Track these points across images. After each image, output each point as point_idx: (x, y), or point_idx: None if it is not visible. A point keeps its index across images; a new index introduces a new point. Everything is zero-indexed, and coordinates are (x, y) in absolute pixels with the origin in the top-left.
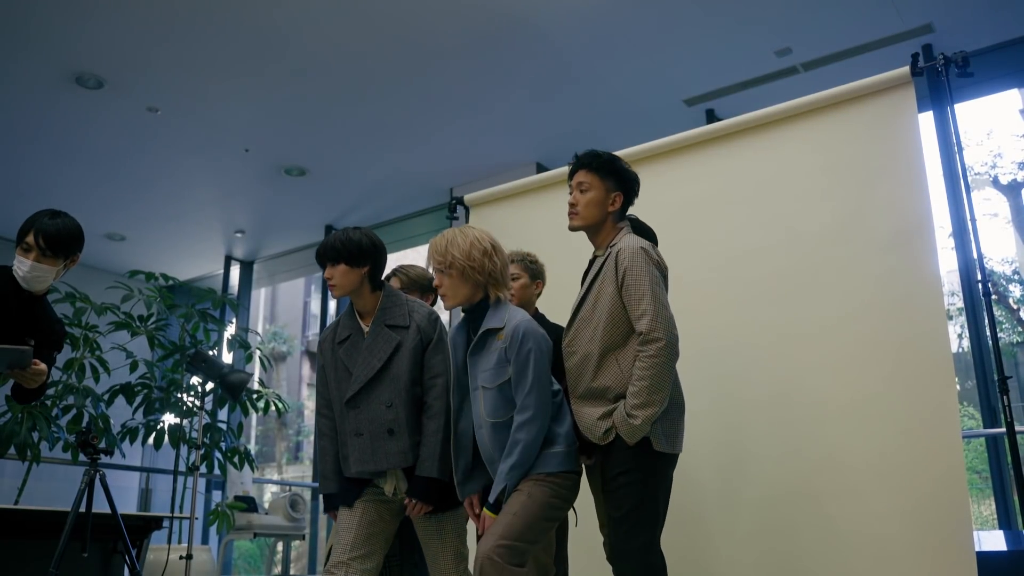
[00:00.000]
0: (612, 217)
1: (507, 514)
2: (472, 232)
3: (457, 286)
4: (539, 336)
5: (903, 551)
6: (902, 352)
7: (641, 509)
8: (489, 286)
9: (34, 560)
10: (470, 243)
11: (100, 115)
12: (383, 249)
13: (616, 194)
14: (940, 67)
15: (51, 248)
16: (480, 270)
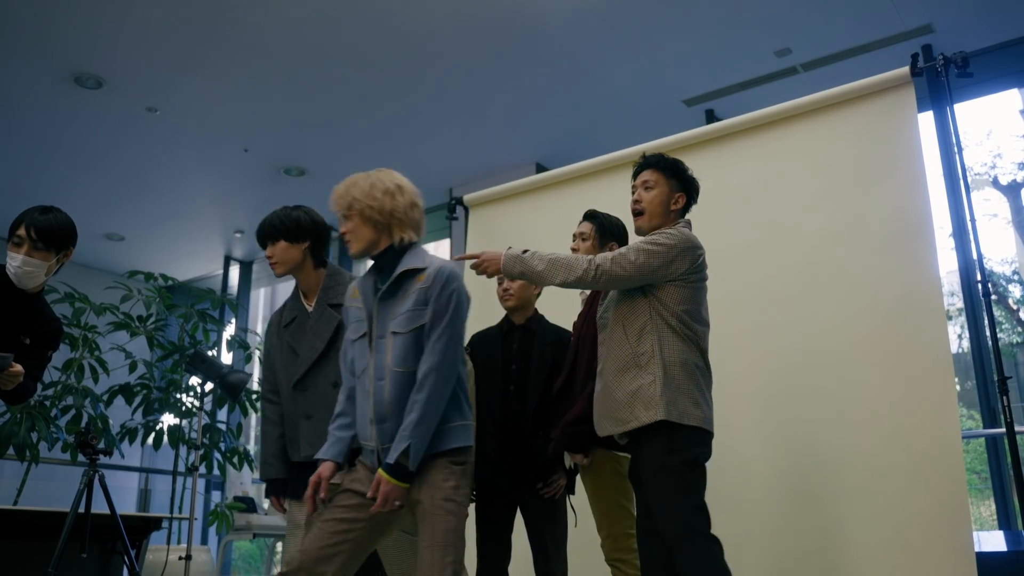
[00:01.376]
0: (675, 217)
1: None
2: (375, 173)
3: (359, 229)
4: (463, 285)
5: (903, 551)
6: (902, 352)
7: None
8: (393, 227)
9: (33, 560)
10: (371, 183)
11: (99, 115)
12: (325, 226)
13: (679, 194)
14: (940, 67)
15: (42, 241)
16: (381, 210)
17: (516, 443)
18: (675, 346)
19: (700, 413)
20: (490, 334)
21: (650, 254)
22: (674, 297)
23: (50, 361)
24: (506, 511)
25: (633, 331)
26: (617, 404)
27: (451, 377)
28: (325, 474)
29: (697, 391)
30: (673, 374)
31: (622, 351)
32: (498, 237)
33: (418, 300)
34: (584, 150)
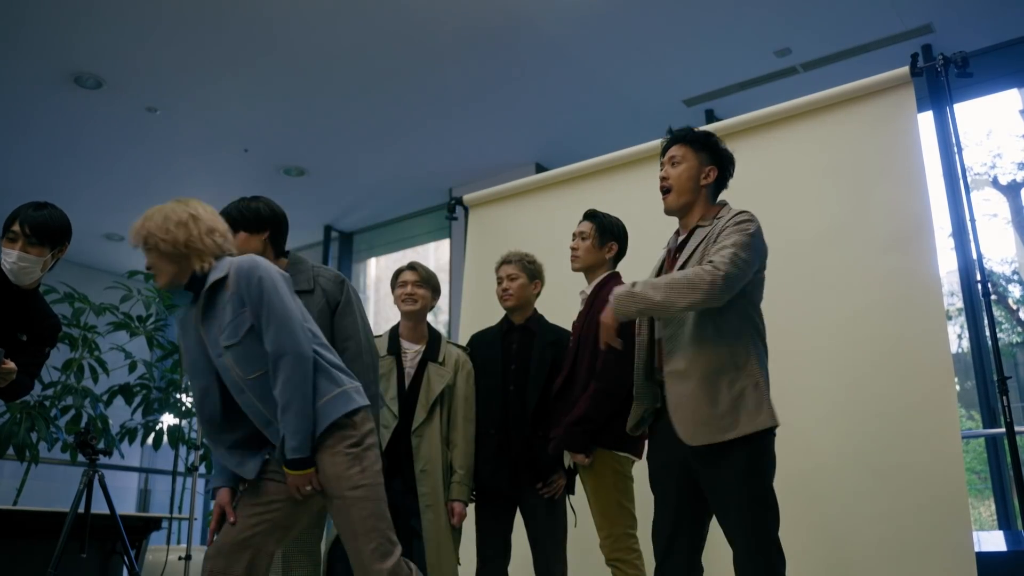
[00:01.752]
0: (706, 192)
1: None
2: (170, 204)
3: (161, 263)
4: (264, 265)
5: (903, 551)
6: (901, 352)
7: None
8: (192, 258)
9: (33, 561)
10: (164, 216)
11: (99, 115)
12: (283, 216)
13: (710, 168)
14: (939, 67)
15: (36, 236)
16: (175, 243)
17: (516, 443)
18: (760, 345)
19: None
20: (489, 334)
21: (750, 246)
22: (755, 290)
23: (48, 358)
24: (506, 511)
25: (729, 328)
26: (717, 411)
27: (301, 355)
28: (225, 501)
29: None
30: (764, 376)
31: (716, 350)
32: (498, 237)
33: (234, 307)
34: (584, 150)
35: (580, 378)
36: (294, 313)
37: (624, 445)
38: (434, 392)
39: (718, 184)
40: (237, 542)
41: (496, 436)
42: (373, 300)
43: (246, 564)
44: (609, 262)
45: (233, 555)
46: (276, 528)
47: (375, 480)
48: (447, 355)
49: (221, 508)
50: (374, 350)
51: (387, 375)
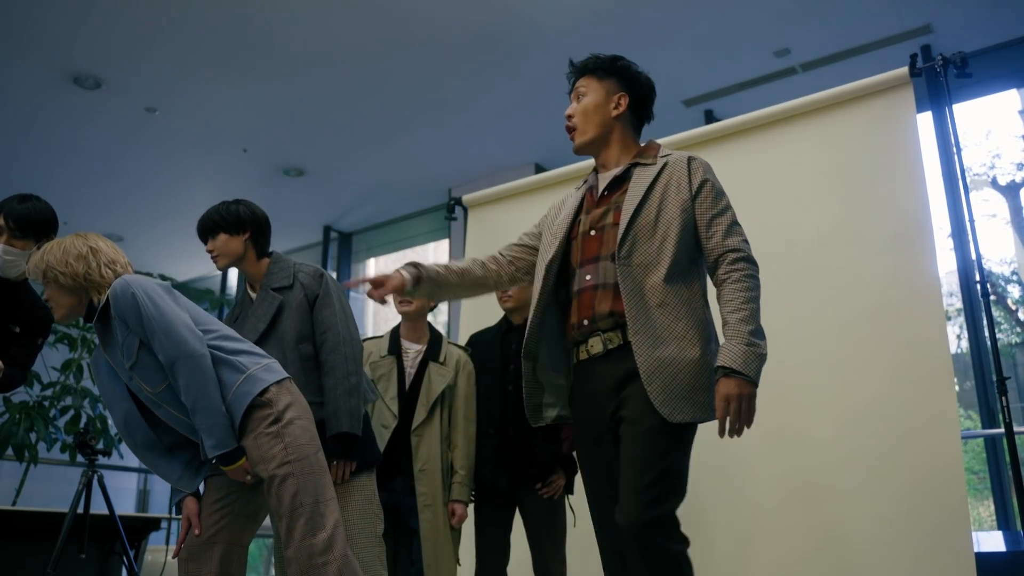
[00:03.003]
0: (621, 124)
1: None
2: (69, 239)
3: (59, 296)
4: (136, 281)
5: (902, 552)
6: (901, 353)
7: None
8: (90, 290)
9: (32, 561)
10: (64, 249)
11: (98, 115)
12: (265, 218)
13: (619, 95)
14: (939, 68)
15: (20, 230)
16: (74, 275)
17: (515, 443)
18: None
19: None
20: (488, 334)
21: (734, 213)
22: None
23: (40, 349)
24: (505, 511)
25: (697, 292)
26: (695, 383)
27: (191, 356)
28: (192, 511)
29: None
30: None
31: (693, 316)
32: (497, 238)
33: (121, 329)
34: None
35: None
36: (175, 317)
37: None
38: (435, 392)
39: (636, 113)
40: (203, 541)
41: (495, 436)
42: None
43: (218, 561)
44: None
45: (203, 555)
46: (238, 518)
47: (301, 455)
48: (448, 355)
49: (188, 519)
50: (355, 341)
51: (388, 375)
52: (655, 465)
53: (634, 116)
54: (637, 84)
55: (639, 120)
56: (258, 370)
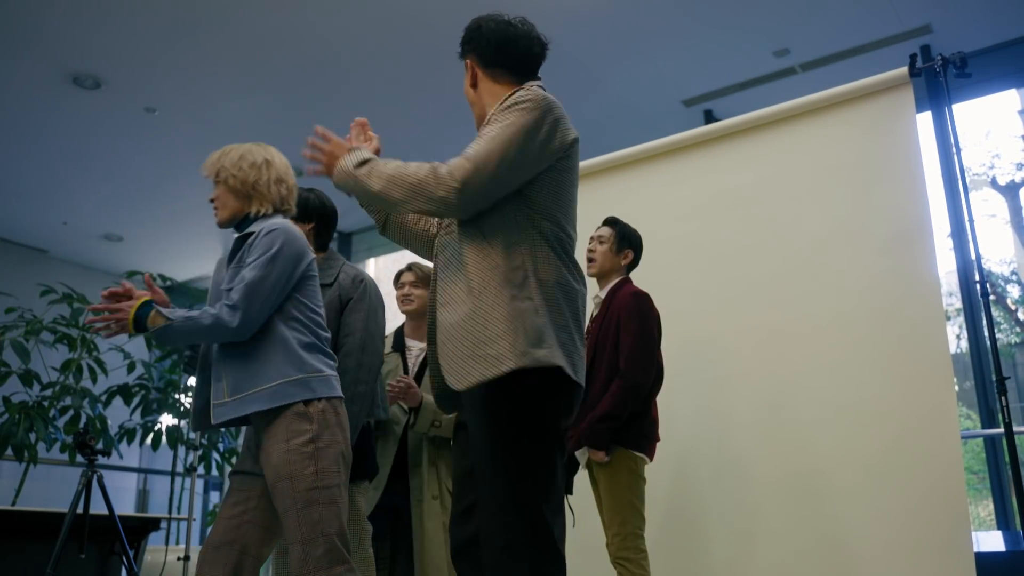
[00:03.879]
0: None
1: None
2: (249, 145)
3: (226, 198)
4: (289, 235)
5: (902, 552)
6: (900, 353)
7: None
8: (253, 199)
9: (31, 561)
10: (241, 154)
11: (98, 115)
12: (333, 211)
13: (469, 59)
14: (938, 68)
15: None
16: (244, 181)
17: None
18: (553, 262)
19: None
20: None
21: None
22: (544, 191)
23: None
24: None
25: (501, 239)
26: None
27: (228, 324)
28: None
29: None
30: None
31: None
32: None
33: (245, 254)
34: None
35: (598, 379)
36: (268, 289)
37: (641, 445)
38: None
39: (499, 65)
40: (219, 543)
41: None
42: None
43: (231, 569)
44: (623, 268)
45: (217, 557)
46: (257, 527)
47: (330, 483)
48: None
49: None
50: (374, 352)
51: (393, 372)
52: None
53: (505, 69)
54: (480, 39)
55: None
56: (319, 378)
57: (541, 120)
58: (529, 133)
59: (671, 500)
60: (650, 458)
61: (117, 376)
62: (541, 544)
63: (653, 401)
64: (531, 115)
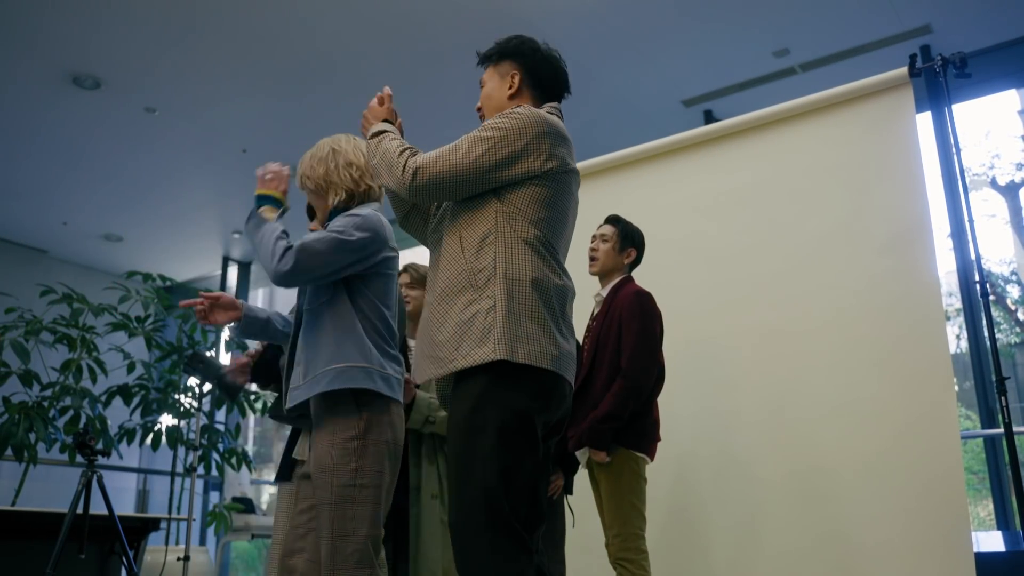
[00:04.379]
0: (521, 99)
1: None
2: (320, 141)
3: (316, 201)
4: (371, 226)
5: (901, 552)
6: (900, 353)
7: None
8: (328, 192)
9: (31, 561)
10: (311, 155)
11: (97, 116)
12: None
13: (512, 73)
14: (938, 68)
15: None
16: (315, 178)
17: None
18: (525, 261)
19: (554, 349)
20: None
21: (492, 140)
22: (528, 200)
23: None
24: None
25: (472, 239)
26: (439, 338)
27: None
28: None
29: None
30: (519, 296)
31: (455, 265)
32: None
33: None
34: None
35: (600, 378)
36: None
37: (642, 446)
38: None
39: (534, 88)
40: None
41: None
42: None
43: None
44: (626, 267)
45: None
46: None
47: (368, 482)
48: None
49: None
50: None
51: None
52: None
53: (536, 93)
54: (531, 59)
55: (546, 96)
56: (382, 375)
57: (522, 130)
58: (504, 139)
59: (672, 500)
60: (651, 458)
61: (117, 376)
62: (499, 528)
63: (654, 401)
64: (513, 123)
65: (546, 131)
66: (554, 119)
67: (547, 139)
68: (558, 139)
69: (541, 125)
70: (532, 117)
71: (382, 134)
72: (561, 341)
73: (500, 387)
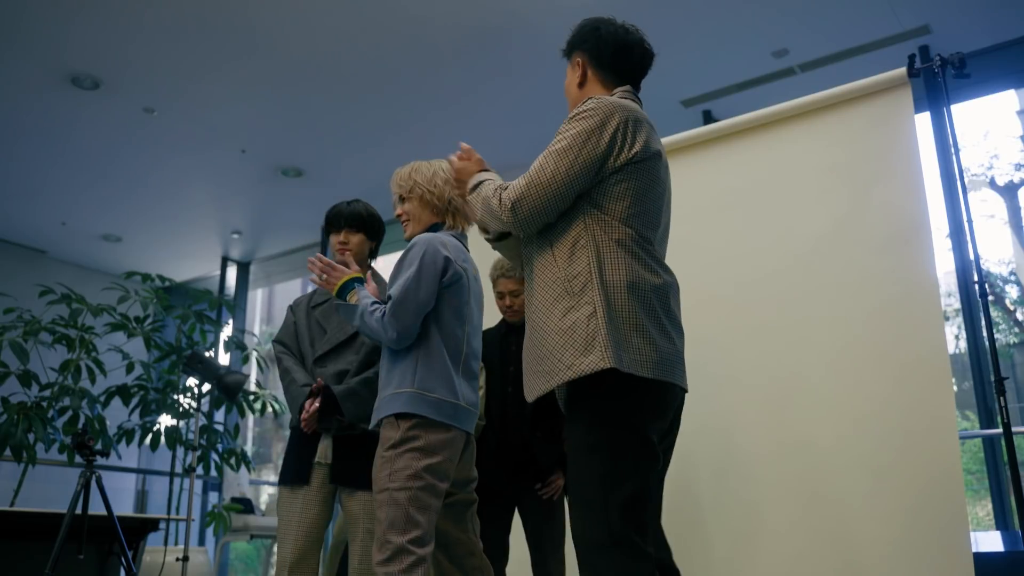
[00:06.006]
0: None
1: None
2: (436, 162)
3: (419, 211)
4: (435, 245)
5: (900, 552)
6: (899, 353)
7: None
8: (449, 214)
9: (30, 562)
10: (433, 171)
11: (96, 116)
12: (381, 222)
13: (577, 60)
14: (937, 68)
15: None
16: (441, 196)
17: (514, 445)
18: (619, 266)
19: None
20: (489, 334)
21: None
22: (614, 197)
23: None
24: (504, 512)
25: (564, 247)
26: (543, 352)
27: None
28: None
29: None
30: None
31: (550, 276)
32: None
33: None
34: None
35: None
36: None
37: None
38: None
39: (603, 70)
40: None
41: (494, 437)
42: None
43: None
44: None
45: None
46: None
47: (399, 485)
48: None
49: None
50: None
51: None
52: None
53: (602, 72)
54: (592, 41)
55: (610, 74)
56: (427, 399)
57: (601, 126)
58: (586, 141)
59: (669, 500)
60: None
61: (116, 377)
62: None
63: None
64: (589, 122)
65: (619, 120)
66: (627, 103)
67: (623, 128)
68: (635, 125)
69: (612, 115)
70: (608, 108)
71: (480, 184)
72: (664, 344)
73: (611, 402)
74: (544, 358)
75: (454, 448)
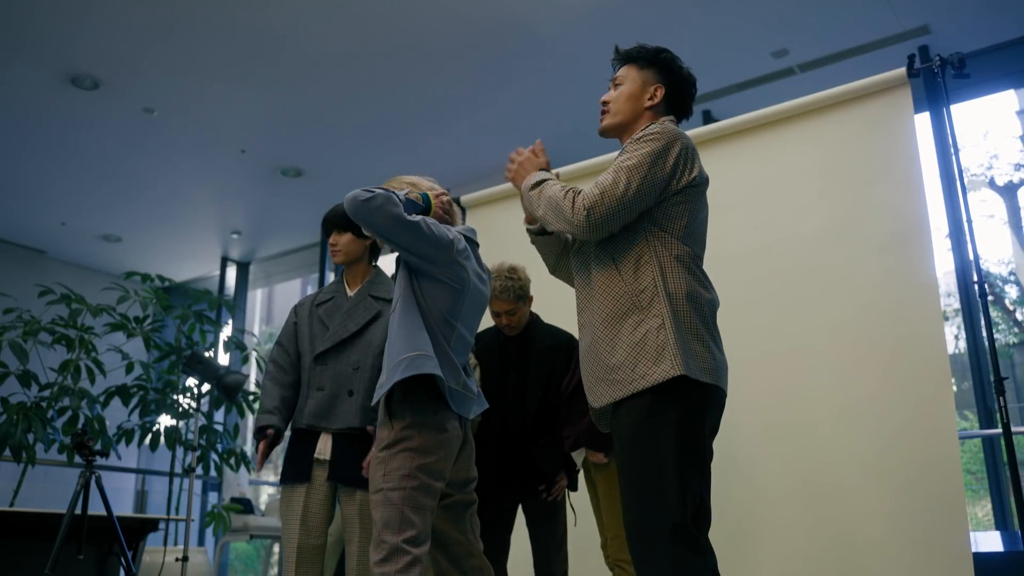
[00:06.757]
0: (652, 114)
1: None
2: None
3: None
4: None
5: (900, 552)
6: (898, 353)
7: None
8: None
9: (30, 562)
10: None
11: (96, 116)
12: None
13: (655, 87)
14: (936, 68)
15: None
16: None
17: (515, 452)
18: (680, 281)
19: (712, 362)
20: (487, 337)
21: (641, 169)
22: (673, 217)
23: None
24: (505, 512)
25: (629, 261)
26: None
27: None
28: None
29: (708, 332)
30: (680, 311)
31: (615, 289)
32: (496, 238)
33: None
34: (583, 150)
35: None
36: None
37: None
38: None
39: (670, 105)
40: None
41: (495, 445)
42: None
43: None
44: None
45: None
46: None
47: (394, 485)
48: None
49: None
50: None
51: None
52: None
53: (669, 108)
54: (677, 79)
55: (674, 112)
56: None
57: (667, 150)
58: (655, 162)
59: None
60: None
61: (115, 377)
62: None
63: None
64: (657, 144)
65: (684, 145)
66: (683, 132)
67: (687, 154)
68: (693, 152)
69: (675, 141)
70: (673, 135)
71: (543, 182)
72: (717, 353)
73: (670, 401)
74: (617, 368)
75: (449, 448)
